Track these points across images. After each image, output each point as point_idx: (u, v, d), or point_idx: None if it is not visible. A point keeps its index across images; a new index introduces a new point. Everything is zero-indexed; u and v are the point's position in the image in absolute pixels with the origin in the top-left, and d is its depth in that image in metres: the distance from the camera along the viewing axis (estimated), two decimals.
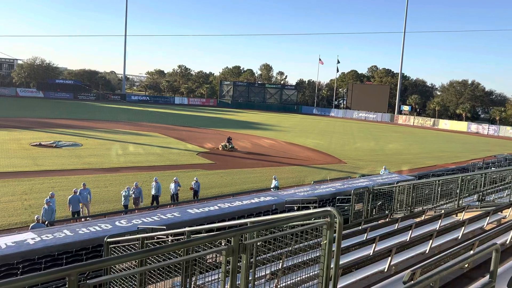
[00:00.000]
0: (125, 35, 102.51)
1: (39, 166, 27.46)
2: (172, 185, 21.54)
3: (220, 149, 38.82)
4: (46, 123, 49.10)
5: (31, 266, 11.13)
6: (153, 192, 21.07)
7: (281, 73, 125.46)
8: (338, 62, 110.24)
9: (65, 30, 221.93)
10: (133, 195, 19.95)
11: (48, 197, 16.99)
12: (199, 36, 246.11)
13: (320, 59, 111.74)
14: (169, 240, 7.68)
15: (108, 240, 7.99)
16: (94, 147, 35.96)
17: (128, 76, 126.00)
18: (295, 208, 18.44)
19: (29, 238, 13.20)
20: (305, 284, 4.80)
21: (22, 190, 21.71)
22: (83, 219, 17.48)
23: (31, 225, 14.94)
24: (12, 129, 42.34)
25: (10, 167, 26.43)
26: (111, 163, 30.11)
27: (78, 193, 18.19)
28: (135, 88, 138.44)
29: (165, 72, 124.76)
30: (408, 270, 4.43)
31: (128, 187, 20.23)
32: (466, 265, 6.60)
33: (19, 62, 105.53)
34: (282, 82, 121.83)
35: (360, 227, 11.24)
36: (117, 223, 15.16)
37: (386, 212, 17.01)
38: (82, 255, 12.22)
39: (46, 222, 16.16)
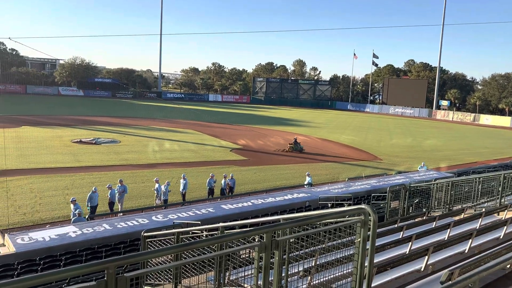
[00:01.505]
0: (161, 34, 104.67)
1: (79, 162, 28.53)
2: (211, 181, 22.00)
3: (288, 150, 37.39)
4: (86, 120, 50.89)
5: (73, 258, 11.59)
6: (181, 189, 21.35)
7: (314, 69, 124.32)
8: (375, 56, 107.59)
9: (103, 31, 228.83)
10: (163, 191, 20.27)
11: (73, 206, 16.78)
12: (233, 33, 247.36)
13: (354, 54, 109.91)
14: (204, 235, 7.80)
15: (145, 234, 8.20)
16: (132, 143, 36.95)
17: (163, 74, 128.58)
18: (329, 205, 18.28)
19: (71, 231, 13.77)
20: (339, 282, 4.77)
21: (64, 185, 22.62)
22: (120, 214, 18.00)
23: (73, 219, 15.57)
24: (54, 126, 44.16)
25: (53, 163, 27.59)
26: (147, 160, 30.87)
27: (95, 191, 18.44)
28: (170, 86, 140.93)
29: (200, 69, 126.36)
30: (446, 270, 4.31)
31: (168, 182, 20.78)
32: (508, 266, 6.35)
33: (61, 62, 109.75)
34: (315, 77, 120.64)
35: (396, 225, 11.00)
36: (153, 218, 15.55)
37: (423, 210, 16.56)
38: (120, 248, 12.60)
39: (87, 216, 16.81)
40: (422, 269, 7.03)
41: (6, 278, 9.96)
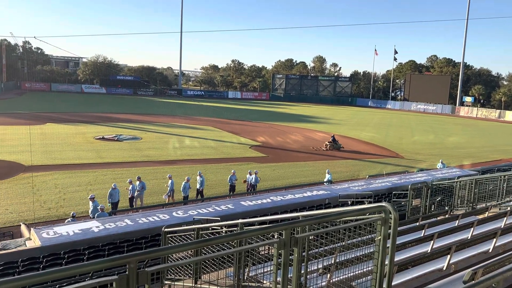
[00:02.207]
0: (181, 32, 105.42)
1: (102, 158, 29.06)
2: (233, 177, 22.14)
3: (327, 148, 37.04)
4: (108, 117, 51.76)
5: (96, 252, 11.84)
6: (198, 186, 21.36)
7: (334, 65, 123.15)
8: (396, 52, 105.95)
9: (125, 29, 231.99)
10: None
11: (92, 203, 17.04)
12: (252, 30, 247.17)
13: (375, 50, 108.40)
14: (223, 231, 7.86)
15: (166, 230, 8.31)
16: (153, 140, 37.42)
17: (184, 72, 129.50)
18: (349, 203, 18.13)
19: (94, 226, 14.06)
20: (359, 280, 4.74)
21: (87, 181, 23.10)
22: (140, 210, 18.24)
23: (96, 214, 15.89)
24: (78, 123, 45.08)
25: (77, 159, 28.20)
26: (168, 156, 31.23)
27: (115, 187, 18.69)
28: (190, 83, 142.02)
29: (219, 67, 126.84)
30: (469, 270, 4.23)
31: (188, 177, 20.97)
32: None
33: (84, 60, 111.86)
34: (335, 74, 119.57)
35: (417, 224, 10.84)
36: (174, 213, 15.74)
37: (446, 208, 16.26)
38: (141, 243, 12.80)
39: (110, 211, 17.15)
40: (444, 268, 6.91)
41: (32, 271, 10.26)
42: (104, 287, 2.86)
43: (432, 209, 16.55)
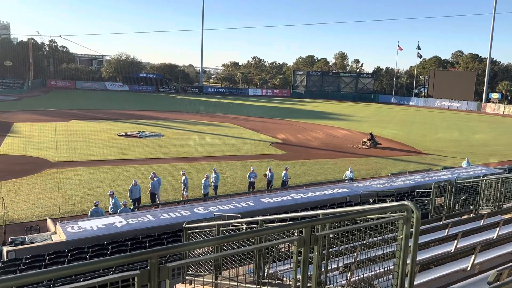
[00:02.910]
0: (202, 29, 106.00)
1: (125, 155, 29.57)
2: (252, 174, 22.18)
3: (368, 146, 36.73)
4: (131, 114, 52.59)
5: (119, 247, 12.07)
6: (212, 182, 21.31)
7: (356, 61, 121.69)
8: (419, 48, 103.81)
9: (147, 27, 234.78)
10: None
11: (111, 200, 17.33)
12: (273, 27, 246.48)
13: (399, 46, 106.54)
14: (243, 228, 7.89)
15: (187, 226, 8.39)
16: (174, 137, 37.84)
17: (205, 69, 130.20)
18: (371, 201, 17.93)
19: (117, 221, 14.34)
20: (380, 279, 4.69)
21: (110, 177, 23.54)
22: (160, 206, 18.48)
23: (119, 209, 16.18)
24: (101, 120, 45.97)
25: (100, 156, 28.77)
26: (189, 153, 31.52)
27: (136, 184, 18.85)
28: (211, 80, 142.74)
29: (240, 64, 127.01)
30: (494, 270, 4.13)
31: (207, 175, 21.10)
32: None
33: (107, 58, 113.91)
34: (357, 70, 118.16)
35: (440, 223, 10.64)
36: (195, 209, 15.89)
37: (471, 207, 15.89)
38: (163, 239, 12.97)
39: (132, 207, 17.45)
40: (468, 269, 6.77)
41: (58, 265, 10.54)
42: (126, 282, 2.91)
43: (456, 208, 16.20)
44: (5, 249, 12.12)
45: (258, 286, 5.59)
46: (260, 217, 6.62)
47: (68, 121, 44.03)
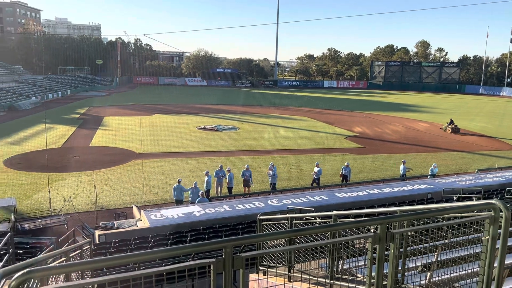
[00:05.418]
0: (277, 23, 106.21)
1: (203, 147, 30.76)
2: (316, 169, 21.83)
3: (451, 131, 38.94)
4: (209, 108, 54.49)
5: (197, 235, 12.63)
6: (269, 179, 20.87)
7: (440, 50, 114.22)
8: None
9: (224, 23, 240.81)
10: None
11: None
12: (349, 17, 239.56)
13: (488, 33, 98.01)
14: (317, 222, 7.85)
15: (261, 217, 8.55)
16: (249, 130, 38.55)
17: (279, 63, 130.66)
18: (454, 198, 16.83)
19: (196, 210, 15.02)
20: (463, 281, 4.41)
21: (190, 168, 24.66)
22: (222, 199, 18.77)
23: (197, 199, 16.92)
24: (182, 114, 48.23)
25: (181, 148, 30.24)
26: (263, 146, 31.94)
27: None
28: (286, 73, 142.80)
29: (315, 56, 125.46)
30: None
31: (275, 166, 21.21)
32: None
33: (187, 54, 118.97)
34: (441, 59, 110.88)
35: None
36: (269, 202, 16.12)
37: None
38: (238, 229, 13.33)
39: (210, 197, 18.15)
40: None
41: (142, 249, 11.31)
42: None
43: None
44: (97, 233, 13.29)
45: (331, 281, 5.55)
46: (334, 212, 6.54)
47: (151, 115, 46.81)
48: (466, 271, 4.33)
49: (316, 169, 21.68)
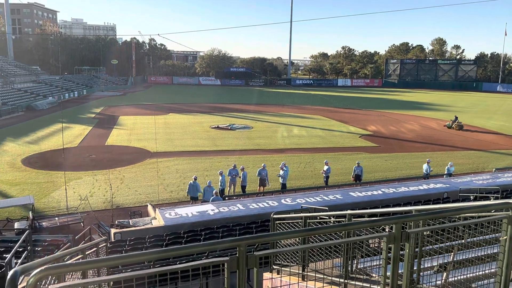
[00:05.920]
0: (291, 22, 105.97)
1: (217, 146, 30.87)
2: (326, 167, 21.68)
3: (456, 128, 39.10)
4: (223, 108, 54.65)
5: (211, 234, 12.69)
6: (280, 179, 20.55)
7: (456, 47, 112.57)
8: None
9: (237, 22, 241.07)
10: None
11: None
12: (363, 15, 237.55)
13: (506, 30, 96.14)
14: (331, 221, 7.81)
15: (275, 216, 8.54)
16: (263, 129, 38.54)
17: (293, 61, 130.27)
18: (471, 198, 16.56)
19: (209, 209, 15.09)
20: (479, 282, 4.35)
21: (204, 167, 24.77)
22: (234, 198, 18.73)
23: (211, 198, 16.99)
24: (196, 113, 48.47)
25: (195, 147, 30.40)
26: (277, 145, 31.89)
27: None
28: (299, 72, 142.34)
29: (329, 54, 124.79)
30: None
31: (287, 166, 21.04)
32: None
33: (201, 54, 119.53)
34: (458, 57, 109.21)
35: None
36: (282, 201, 16.10)
37: None
38: (252, 228, 13.35)
39: (224, 196, 18.21)
40: None
41: (157, 247, 11.41)
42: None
43: None
44: (113, 231, 13.46)
45: (345, 280, 5.52)
46: (348, 211, 6.51)
47: (166, 114, 47.15)
48: (483, 272, 4.27)
49: (325, 168, 21.57)
